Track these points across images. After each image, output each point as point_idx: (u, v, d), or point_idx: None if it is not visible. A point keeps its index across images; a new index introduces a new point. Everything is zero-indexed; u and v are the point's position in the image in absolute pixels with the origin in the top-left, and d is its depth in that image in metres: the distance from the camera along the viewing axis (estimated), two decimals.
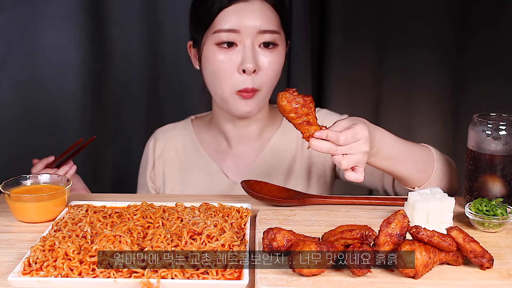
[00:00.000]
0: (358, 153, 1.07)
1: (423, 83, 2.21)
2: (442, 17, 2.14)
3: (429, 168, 1.25)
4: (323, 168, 1.49)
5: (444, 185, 1.27)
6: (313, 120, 1.07)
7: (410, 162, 1.22)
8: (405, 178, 1.24)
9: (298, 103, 1.06)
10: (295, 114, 1.06)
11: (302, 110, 1.06)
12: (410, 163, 1.22)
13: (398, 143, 1.20)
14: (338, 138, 1.05)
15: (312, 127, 1.07)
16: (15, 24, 1.94)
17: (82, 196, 1.37)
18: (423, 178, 1.24)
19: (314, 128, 1.07)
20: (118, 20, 2.04)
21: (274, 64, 1.35)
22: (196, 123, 1.57)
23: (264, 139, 1.50)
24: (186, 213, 1.11)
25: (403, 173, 1.22)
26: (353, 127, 1.06)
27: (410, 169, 1.22)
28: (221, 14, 1.32)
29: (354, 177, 1.09)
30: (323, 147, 1.06)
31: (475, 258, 0.91)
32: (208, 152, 1.51)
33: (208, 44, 1.35)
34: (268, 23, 1.33)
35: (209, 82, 1.39)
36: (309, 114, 1.07)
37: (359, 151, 1.07)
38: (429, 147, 1.28)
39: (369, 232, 0.89)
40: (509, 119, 1.17)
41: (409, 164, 1.22)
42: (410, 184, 1.26)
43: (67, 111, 2.05)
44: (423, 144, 1.29)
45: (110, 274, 0.89)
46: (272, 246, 0.94)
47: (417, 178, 1.24)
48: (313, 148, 1.06)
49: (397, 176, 1.25)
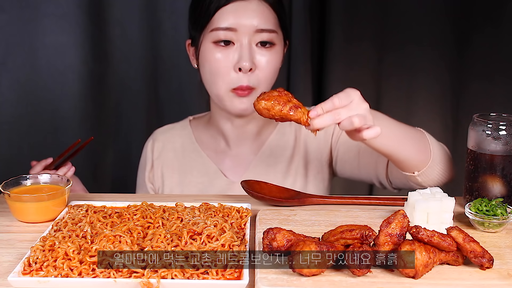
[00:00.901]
0: (361, 111, 1.04)
1: (423, 82, 2.21)
2: (442, 17, 2.14)
3: (427, 150, 1.24)
4: (320, 165, 1.49)
5: (443, 170, 1.26)
6: (299, 103, 1.05)
7: (408, 143, 1.21)
8: (406, 161, 1.22)
9: (274, 96, 1.04)
10: (279, 105, 1.04)
11: (282, 98, 1.04)
12: (409, 144, 1.21)
13: (395, 123, 1.20)
14: (332, 102, 1.02)
15: (303, 109, 1.05)
16: (15, 24, 1.95)
17: (82, 196, 1.37)
18: (423, 161, 1.23)
19: (305, 110, 1.04)
20: (118, 20, 2.04)
21: (271, 63, 1.36)
22: (194, 124, 1.57)
23: (262, 138, 1.50)
24: (186, 213, 1.11)
25: (404, 154, 1.20)
26: (343, 92, 1.05)
27: (411, 151, 1.21)
28: (219, 13, 1.33)
29: (372, 132, 1.06)
30: (326, 120, 1.02)
31: (475, 258, 0.91)
32: (207, 152, 1.51)
33: (205, 42, 1.36)
34: (265, 22, 1.34)
35: (206, 80, 1.40)
36: (291, 99, 1.05)
37: (361, 109, 1.04)
38: (422, 130, 1.28)
39: (369, 232, 0.89)
40: (509, 119, 1.17)
41: (409, 145, 1.21)
42: (411, 168, 1.24)
43: (67, 111, 2.05)
44: (417, 128, 1.29)
45: (110, 274, 0.89)
46: (272, 246, 0.94)
47: (418, 161, 1.23)
48: (318, 126, 1.02)
49: (398, 160, 1.22)
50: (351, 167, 1.45)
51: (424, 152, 1.24)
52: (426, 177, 1.25)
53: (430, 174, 1.25)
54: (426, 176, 1.25)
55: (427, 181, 1.26)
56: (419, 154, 1.23)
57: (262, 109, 1.05)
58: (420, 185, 1.27)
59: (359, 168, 1.43)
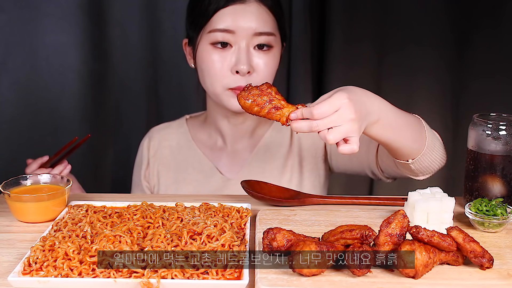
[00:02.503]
0: (343, 123, 0.99)
1: (423, 82, 2.21)
2: (442, 17, 2.14)
3: (422, 137, 1.21)
4: (314, 161, 1.49)
5: (435, 157, 1.25)
6: (281, 103, 1.02)
7: (407, 131, 1.17)
8: (402, 148, 1.19)
9: (254, 95, 1.03)
10: (257, 107, 1.03)
11: (262, 99, 1.02)
12: (407, 132, 1.17)
13: (395, 111, 1.15)
14: (311, 113, 0.98)
15: (284, 109, 1.02)
16: (15, 24, 1.95)
17: (82, 196, 1.37)
18: (418, 148, 1.21)
19: (288, 110, 1.02)
20: (118, 20, 2.04)
21: (269, 66, 1.36)
22: (191, 122, 1.58)
23: (258, 135, 1.51)
24: (186, 213, 1.11)
25: (402, 142, 1.17)
26: (328, 98, 0.99)
27: (409, 138, 1.18)
28: (217, 14, 1.33)
29: (347, 149, 1.01)
30: (303, 127, 1.00)
31: (475, 258, 0.91)
32: (203, 150, 1.52)
33: (203, 43, 1.36)
34: (263, 25, 1.34)
35: (202, 80, 1.40)
36: (273, 100, 1.02)
37: (343, 120, 0.99)
38: (419, 117, 1.25)
39: (369, 232, 0.89)
40: (509, 119, 1.17)
41: (406, 133, 1.17)
42: (406, 156, 1.21)
43: (67, 111, 2.05)
44: (414, 114, 1.25)
45: (110, 274, 0.89)
46: (272, 246, 0.94)
47: (414, 148, 1.20)
48: (294, 130, 1.01)
49: (393, 146, 1.19)
50: (343, 159, 1.45)
51: (419, 140, 1.21)
52: (419, 164, 1.23)
53: (424, 161, 1.23)
54: (420, 164, 1.23)
55: (420, 169, 1.24)
56: (415, 142, 1.20)
57: (242, 106, 1.04)
58: (412, 172, 1.26)
59: (351, 159, 1.42)
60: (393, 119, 1.14)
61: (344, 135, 1.00)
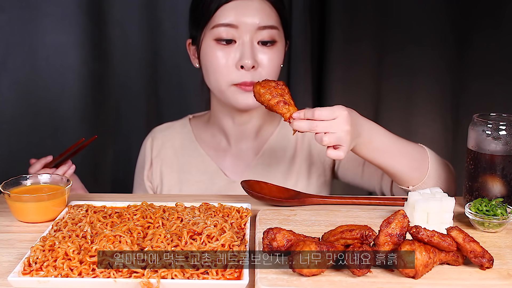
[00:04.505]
0: (339, 131, 1.09)
1: (423, 83, 2.21)
2: (442, 17, 2.14)
3: (423, 167, 1.25)
4: (322, 167, 1.49)
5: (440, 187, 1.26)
6: (290, 100, 1.12)
7: (402, 158, 1.23)
8: (397, 174, 1.25)
9: (270, 87, 1.14)
10: (270, 95, 1.13)
11: (275, 90, 1.13)
12: (402, 159, 1.23)
13: (391, 137, 1.22)
14: (313, 113, 1.08)
15: (291, 107, 1.12)
16: (15, 25, 1.95)
17: (82, 196, 1.37)
18: (416, 177, 1.25)
19: (293, 109, 1.12)
20: (118, 20, 2.04)
21: (273, 61, 1.36)
22: (194, 122, 1.57)
23: (263, 137, 1.50)
24: (186, 213, 1.11)
25: (395, 168, 1.23)
26: (330, 107, 1.10)
27: (403, 165, 1.23)
28: (220, 10, 1.33)
29: (334, 154, 1.11)
30: (303, 126, 1.09)
31: (475, 258, 0.91)
32: (206, 150, 1.51)
33: (206, 39, 1.36)
34: (267, 19, 1.34)
35: (207, 77, 1.40)
36: (284, 95, 1.13)
37: (339, 129, 1.09)
38: (424, 147, 1.29)
39: (369, 232, 0.89)
40: (509, 119, 1.17)
41: (402, 159, 1.23)
42: (404, 182, 1.26)
43: (67, 111, 2.05)
44: (419, 144, 1.30)
45: (110, 274, 0.89)
46: (272, 246, 0.94)
47: (410, 176, 1.25)
48: (295, 128, 1.10)
49: (389, 172, 1.25)
50: (354, 174, 1.48)
51: (418, 169, 1.25)
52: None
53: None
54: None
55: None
56: (413, 170, 1.25)
57: (255, 92, 1.15)
58: None
59: (362, 177, 1.46)
60: (387, 144, 1.21)
61: (337, 141, 1.10)
